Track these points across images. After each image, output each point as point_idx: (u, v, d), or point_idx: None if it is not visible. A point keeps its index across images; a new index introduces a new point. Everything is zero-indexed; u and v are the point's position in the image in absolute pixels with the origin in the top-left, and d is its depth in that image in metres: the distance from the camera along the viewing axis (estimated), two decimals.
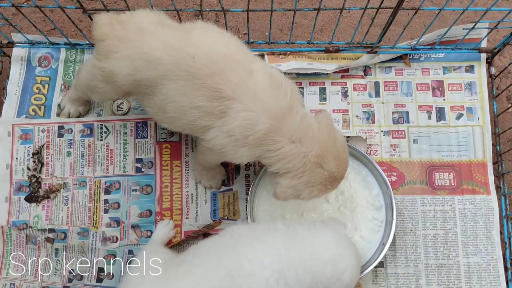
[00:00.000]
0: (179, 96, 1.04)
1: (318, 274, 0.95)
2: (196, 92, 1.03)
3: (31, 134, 1.38)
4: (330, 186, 1.09)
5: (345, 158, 1.10)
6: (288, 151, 1.03)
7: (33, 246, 1.30)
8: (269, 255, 0.94)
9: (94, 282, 1.27)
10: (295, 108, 1.04)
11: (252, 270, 0.92)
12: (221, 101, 1.02)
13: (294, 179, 1.06)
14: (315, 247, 0.98)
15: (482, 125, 1.36)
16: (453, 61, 1.40)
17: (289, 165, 1.04)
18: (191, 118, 1.06)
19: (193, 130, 1.10)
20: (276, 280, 0.92)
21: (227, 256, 0.96)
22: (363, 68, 1.40)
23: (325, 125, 1.09)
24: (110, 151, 1.36)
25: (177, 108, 1.06)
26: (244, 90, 1.02)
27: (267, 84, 1.03)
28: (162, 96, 1.07)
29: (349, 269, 0.98)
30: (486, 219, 1.29)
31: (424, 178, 1.32)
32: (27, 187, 1.34)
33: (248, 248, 0.96)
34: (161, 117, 1.12)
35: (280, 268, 0.93)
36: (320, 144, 1.05)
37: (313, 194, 1.08)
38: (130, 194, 1.32)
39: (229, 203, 1.32)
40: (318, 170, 1.06)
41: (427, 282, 1.26)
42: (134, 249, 1.28)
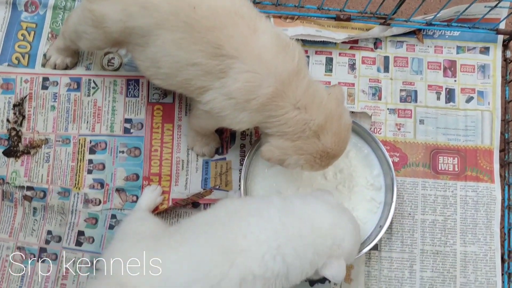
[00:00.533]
0: (175, 50, 0.96)
1: (319, 246, 0.90)
2: (194, 47, 0.94)
3: (13, 84, 1.27)
4: (319, 161, 1.02)
5: (345, 138, 1.04)
6: (292, 118, 0.96)
7: (10, 203, 1.21)
8: (265, 231, 0.88)
9: (73, 245, 1.20)
10: (302, 73, 0.97)
11: (247, 246, 0.87)
12: (221, 59, 0.94)
13: (287, 142, 0.99)
14: (313, 220, 0.93)
15: (492, 111, 1.30)
16: (468, 40, 1.33)
17: (287, 130, 0.97)
18: (187, 76, 0.98)
19: (188, 91, 1.01)
20: (273, 257, 0.87)
21: (221, 231, 0.90)
22: (374, 41, 1.32)
23: (335, 98, 1.02)
24: (98, 108, 1.27)
25: (171, 64, 0.98)
26: (247, 49, 0.94)
27: (273, 44, 0.95)
28: (156, 48, 0.98)
29: (347, 235, 0.94)
30: (487, 208, 1.25)
31: (428, 161, 1.26)
32: (6, 141, 1.25)
33: (243, 223, 0.90)
34: (153, 73, 1.03)
35: (276, 244, 0.87)
36: (325, 115, 0.99)
37: (299, 163, 1.02)
38: (117, 155, 1.24)
39: (221, 173, 1.24)
40: (314, 140, 0.99)
41: (421, 268, 1.21)
42: (117, 214, 1.21)
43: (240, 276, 0.86)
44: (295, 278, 0.92)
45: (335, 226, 0.94)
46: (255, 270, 0.86)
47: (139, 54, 1.04)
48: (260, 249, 0.87)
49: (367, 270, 1.21)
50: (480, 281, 1.21)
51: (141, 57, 1.03)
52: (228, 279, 0.85)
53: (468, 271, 1.22)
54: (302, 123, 0.97)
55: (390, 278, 1.21)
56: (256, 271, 0.87)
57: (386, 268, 1.21)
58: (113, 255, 0.93)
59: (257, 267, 0.86)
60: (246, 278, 0.86)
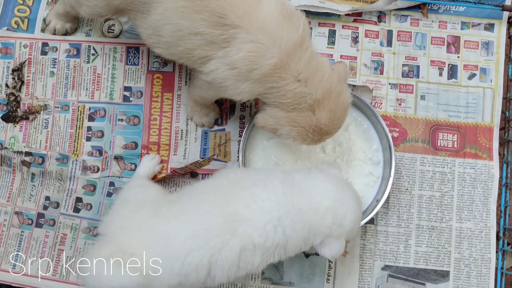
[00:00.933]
0: (177, 18, 0.94)
1: (316, 225, 0.90)
2: (197, 15, 0.92)
3: (12, 49, 1.26)
4: (311, 136, 1.02)
5: (341, 116, 1.03)
6: (291, 90, 0.95)
7: (8, 168, 1.22)
8: (269, 201, 0.89)
9: (71, 212, 1.21)
10: (306, 44, 0.95)
11: (249, 215, 0.87)
12: (225, 29, 0.92)
13: (281, 112, 0.99)
14: (313, 196, 0.93)
15: (494, 88, 1.29)
16: (473, 16, 1.31)
17: (285, 101, 0.97)
18: (189, 46, 0.97)
19: (190, 61, 1.00)
20: (274, 227, 0.88)
21: (223, 200, 0.91)
22: (378, 14, 1.30)
23: (337, 74, 1.01)
24: (97, 75, 1.26)
25: (174, 32, 0.96)
26: (252, 19, 0.92)
27: (278, 13, 0.93)
28: (158, 16, 0.97)
29: (349, 213, 0.94)
30: (485, 185, 1.25)
31: (427, 137, 1.26)
32: (5, 106, 1.24)
33: (246, 194, 0.90)
34: (155, 41, 1.02)
35: (278, 215, 0.88)
36: (324, 90, 0.98)
37: (291, 134, 1.01)
38: (116, 123, 1.24)
39: (220, 144, 1.24)
40: (308, 114, 0.99)
41: (417, 243, 1.22)
42: (116, 181, 1.21)
43: (241, 245, 0.87)
44: (291, 250, 0.93)
45: (337, 204, 0.93)
46: (256, 240, 0.87)
47: (141, 22, 1.02)
48: (263, 218, 0.88)
49: (362, 244, 1.22)
50: (475, 257, 1.22)
51: (143, 25, 1.02)
52: (229, 247, 0.86)
53: (463, 247, 1.23)
54: (300, 96, 0.96)
55: (385, 252, 1.22)
56: (257, 241, 0.87)
57: (382, 242, 1.22)
58: (114, 219, 0.93)
59: (258, 237, 0.87)
60: (247, 247, 0.87)
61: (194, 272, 0.86)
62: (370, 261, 1.21)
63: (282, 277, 1.19)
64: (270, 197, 0.89)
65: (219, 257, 0.85)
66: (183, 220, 0.89)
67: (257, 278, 1.19)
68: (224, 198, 0.91)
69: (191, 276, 0.86)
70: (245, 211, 0.88)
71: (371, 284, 1.20)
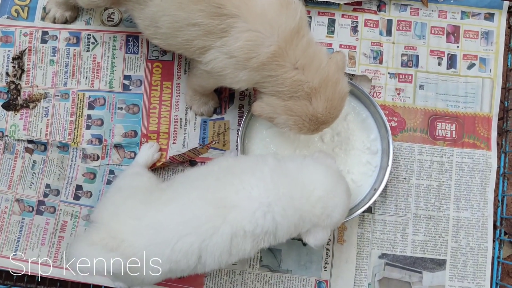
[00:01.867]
0: (175, 10, 0.95)
1: (306, 213, 0.91)
2: (194, 6, 0.93)
3: (12, 37, 1.27)
4: (308, 125, 1.02)
5: (338, 105, 1.02)
6: (289, 77, 0.96)
7: (10, 155, 1.23)
8: (257, 188, 0.89)
9: (71, 199, 1.22)
10: (302, 31, 0.96)
11: (238, 202, 0.88)
12: (223, 18, 0.93)
13: (278, 100, 0.99)
14: (305, 185, 0.94)
15: (493, 78, 1.29)
16: (474, 6, 1.31)
17: (282, 89, 0.97)
18: (187, 37, 0.97)
19: (189, 51, 1.00)
20: (264, 213, 0.88)
21: (214, 187, 0.91)
22: (377, 3, 1.30)
23: (335, 63, 1.00)
24: (97, 64, 1.26)
25: (171, 23, 0.97)
26: (249, 7, 0.92)
27: (275, 1, 0.93)
28: (155, 8, 0.97)
29: (339, 206, 0.95)
30: (482, 175, 1.25)
31: (425, 127, 1.26)
32: (5, 94, 1.25)
33: (235, 180, 0.91)
34: (152, 32, 1.02)
35: (268, 202, 0.89)
36: (321, 78, 0.98)
37: (287, 123, 1.01)
38: (115, 112, 1.24)
39: (219, 133, 1.25)
40: (305, 102, 0.99)
41: (414, 232, 1.23)
42: (115, 169, 1.22)
43: (232, 231, 0.87)
44: (282, 237, 0.93)
45: (329, 195, 0.94)
46: (246, 226, 0.88)
47: (138, 13, 1.02)
48: (252, 205, 0.88)
49: (360, 232, 1.23)
50: (471, 246, 1.23)
51: (140, 16, 1.02)
52: (220, 233, 0.86)
53: (460, 236, 1.24)
54: (298, 83, 0.97)
55: (382, 240, 1.23)
56: (247, 227, 0.88)
57: (379, 230, 1.23)
58: (106, 206, 0.94)
59: (248, 223, 0.88)
60: (237, 233, 0.87)
61: (184, 259, 0.86)
62: (367, 250, 1.22)
63: (280, 265, 1.20)
64: (258, 184, 0.90)
65: (209, 243, 0.86)
66: (173, 206, 0.90)
67: (255, 265, 1.21)
68: (214, 185, 0.91)
69: (181, 263, 0.87)
70: (235, 197, 0.88)
71: (368, 272, 1.21)
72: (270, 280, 1.20)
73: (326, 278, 1.20)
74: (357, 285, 1.21)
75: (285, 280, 1.20)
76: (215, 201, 0.88)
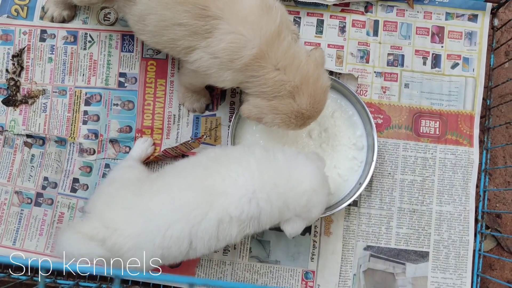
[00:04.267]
0: (161, 9, 0.99)
1: (290, 200, 0.96)
2: (180, 7, 0.97)
3: (12, 35, 1.31)
4: (295, 121, 1.06)
5: (321, 100, 1.07)
6: (271, 78, 1.00)
7: (10, 149, 1.27)
8: (243, 176, 0.94)
9: (68, 192, 1.26)
10: (283, 34, 1.00)
11: (225, 189, 0.93)
12: (207, 20, 0.97)
13: (263, 101, 1.03)
14: (292, 176, 0.99)
15: (476, 77, 1.33)
16: (458, 7, 1.35)
17: (265, 89, 1.01)
18: (173, 36, 1.01)
19: (175, 51, 1.05)
20: (249, 200, 0.93)
21: (202, 175, 0.96)
22: (365, 4, 1.34)
23: (314, 60, 1.05)
24: (94, 61, 1.31)
25: (157, 22, 1.01)
26: (232, 11, 0.97)
27: (257, 6, 0.98)
28: (143, 6, 1.02)
29: (320, 204, 1.02)
30: (464, 171, 1.30)
31: (410, 124, 1.31)
32: (5, 90, 1.30)
33: (222, 168, 0.95)
34: (140, 28, 1.07)
35: (253, 189, 0.94)
36: (302, 76, 1.02)
37: (275, 121, 1.06)
38: (111, 108, 1.29)
39: (211, 128, 1.30)
40: (289, 101, 1.03)
41: (398, 225, 1.28)
42: (111, 163, 1.27)
43: (218, 217, 0.92)
44: (265, 223, 0.98)
45: (313, 192, 1.00)
46: (232, 212, 0.93)
47: (128, 9, 1.07)
48: (238, 192, 0.93)
49: (346, 225, 1.27)
50: (453, 239, 1.28)
51: (130, 12, 1.06)
52: (207, 219, 0.91)
53: (442, 230, 1.28)
54: (280, 83, 1.01)
55: (367, 233, 1.27)
56: (233, 213, 0.93)
57: (364, 223, 1.28)
58: (100, 197, 0.99)
59: (234, 209, 0.92)
60: (223, 219, 0.92)
61: (176, 244, 0.91)
62: (353, 242, 1.27)
63: (268, 256, 1.25)
64: (244, 172, 0.95)
65: (199, 229, 0.91)
66: (163, 195, 0.94)
67: (245, 256, 1.25)
68: (202, 173, 0.96)
69: (173, 248, 0.91)
70: (221, 185, 0.93)
71: (353, 264, 1.26)
72: (259, 270, 1.25)
73: (313, 268, 1.25)
74: (342, 275, 1.25)
75: (274, 271, 1.25)
76: (202, 189, 0.93)
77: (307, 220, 1.00)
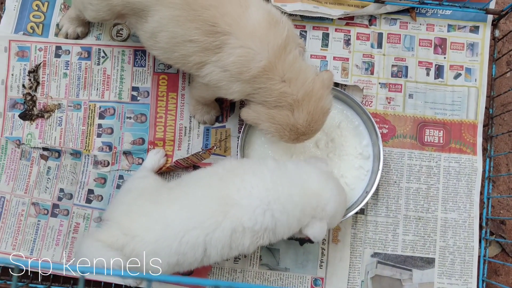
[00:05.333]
0: (173, 26, 1.03)
1: (305, 206, 1.00)
2: (191, 24, 1.01)
3: (28, 52, 1.36)
4: (288, 134, 1.09)
5: (318, 120, 1.09)
6: (277, 89, 1.04)
7: (26, 162, 1.32)
8: (257, 188, 0.98)
9: (83, 203, 1.31)
10: (289, 47, 1.04)
11: (239, 199, 0.96)
12: (217, 36, 1.01)
13: (263, 108, 1.07)
14: (302, 182, 1.02)
15: (479, 87, 1.37)
16: (459, 19, 1.39)
17: (269, 99, 1.05)
18: (184, 52, 1.05)
19: (186, 66, 1.09)
20: (263, 211, 0.96)
21: (218, 185, 0.99)
22: (369, 18, 1.39)
23: (321, 80, 1.08)
24: (107, 76, 1.35)
25: (169, 39, 1.05)
26: (241, 26, 1.01)
27: (265, 20, 1.02)
28: (154, 23, 1.06)
29: (332, 200, 1.04)
30: (468, 178, 1.33)
31: (414, 133, 1.34)
32: (22, 105, 1.34)
33: (237, 180, 0.99)
34: (152, 44, 1.11)
35: (267, 200, 0.97)
36: (305, 92, 1.05)
37: (270, 130, 1.09)
38: (124, 121, 1.33)
39: (221, 139, 1.34)
40: (287, 113, 1.06)
41: (404, 232, 1.31)
42: (124, 175, 1.31)
43: (232, 226, 0.96)
44: (282, 233, 1.02)
45: (322, 189, 1.03)
46: (245, 223, 0.96)
47: (140, 25, 1.11)
48: (252, 203, 0.96)
49: (353, 232, 1.31)
50: (458, 245, 1.31)
51: (142, 28, 1.11)
52: (221, 228, 0.95)
53: (448, 236, 1.31)
54: (283, 95, 1.04)
55: (374, 240, 1.31)
56: (246, 224, 0.96)
57: (371, 231, 1.31)
58: (117, 206, 1.03)
59: (248, 220, 0.96)
60: (237, 229, 0.96)
61: (191, 251, 0.95)
62: (360, 249, 1.30)
63: (278, 263, 1.29)
64: (258, 183, 0.98)
65: (213, 237, 0.94)
66: (180, 203, 0.98)
67: (255, 264, 1.29)
68: (218, 184, 1.00)
69: (188, 255, 0.95)
70: (236, 195, 0.97)
71: (361, 270, 1.29)
72: (269, 278, 1.28)
73: (321, 275, 1.29)
74: (351, 282, 1.28)
75: (283, 278, 1.29)
76: (218, 199, 0.97)
77: (326, 219, 1.02)
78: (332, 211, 1.04)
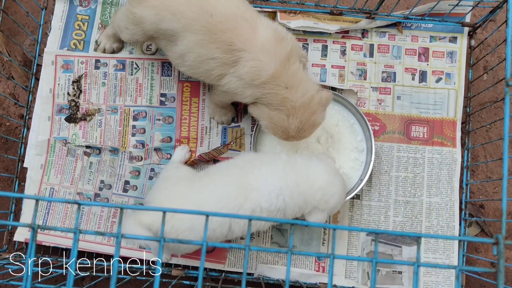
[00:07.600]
0: (198, 48, 1.22)
1: (309, 197, 1.18)
2: (212, 45, 1.20)
3: (72, 65, 1.60)
4: (280, 134, 1.26)
5: (307, 130, 1.25)
6: (281, 94, 1.22)
7: (72, 158, 1.55)
8: (271, 176, 1.17)
9: (121, 192, 1.54)
10: (292, 59, 1.23)
11: (257, 185, 1.16)
12: (233, 52, 1.20)
13: (266, 108, 1.25)
14: (309, 176, 1.21)
15: (457, 89, 1.58)
16: (440, 31, 1.60)
17: (272, 102, 1.23)
18: (207, 68, 1.24)
19: (209, 79, 1.28)
20: (276, 195, 1.16)
21: (239, 173, 1.19)
22: (362, 31, 1.60)
23: (319, 98, 1.25)
24: (139, 85, 1.59)
25: (195, 58, 1.24)
26: (253, 43, 1.20)
27: (272, 37, 1.21)
28: (183, 46, 1.25)
29: (336, 195, 1.21)
30: (449, 168, 1.54)
31: (402, 130, 1.56)
32: (67, 110, 1.58)
33: (256, 170, 1.19)
34: (180, 62, 1.30)
35: (280, 186, 1.16)
36: (302, 103, 1.23)
37: (267, 127, 1.28)
38: (155, 122, 1.57)
39: (236, 137, 1.56)
40: (283, 117, 1.24)
41: (394, 214, 1.52)
42: (155, 168, 1.54)
43: (252, 207, 1.16)
44: (289, 214, 1.22)
45: (328, 184, 1.21)
46: (262, 204, 1.16)
47: (170, 47, 1.30)
48: (268, 188, 1.16)
49: (350, 215, 1.52)
50: (441, 225, 1.52)
51: (172, 50, 1.30)
52: (243, 209, 1.15)
53: (432, 217, 1.52)
54: (285, 100, 1.23)
55: (369, 221, 1.52)
56: (263, 205, 1.17)
57: (366, 213, 1.53)
58: (158, 191, 1.25)
59: (264, 202, 1.16)
60: (256, 209, 1.16)
61: (219, 227, 1.16)
62: None
63: (286, 241, 1.51)
64: (273, 173, 1.18)
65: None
66: (210, 189, 1.18)
67: (267, 242, 1.51)
68: (240, 173, 1.19)
69: (217, 230, 1.16)
70: (254, 182, 1.16)
71: (358, 247, 1.51)
72: (279, 254, 1.50)
73: (324, 251, 1.50)
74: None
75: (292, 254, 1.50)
76: (240, 185, 1.15)
77: (327, 210, 1.20)
78: (333, 204, 1.22)
